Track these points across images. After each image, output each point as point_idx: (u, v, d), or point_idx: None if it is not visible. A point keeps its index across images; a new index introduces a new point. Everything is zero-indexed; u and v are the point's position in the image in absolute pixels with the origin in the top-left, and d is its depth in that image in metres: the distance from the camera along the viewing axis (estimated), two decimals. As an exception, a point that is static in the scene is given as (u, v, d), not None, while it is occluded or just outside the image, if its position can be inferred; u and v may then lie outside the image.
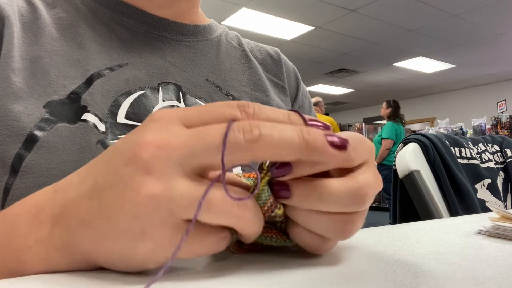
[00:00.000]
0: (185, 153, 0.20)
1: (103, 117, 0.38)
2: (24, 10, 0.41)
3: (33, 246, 0.23)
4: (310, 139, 0.20)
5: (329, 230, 0.23)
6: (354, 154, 0.22)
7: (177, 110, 0.22)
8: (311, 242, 0.24)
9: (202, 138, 0.20)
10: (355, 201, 0.22)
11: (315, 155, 0.20)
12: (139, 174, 0.19)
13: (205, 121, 0.21)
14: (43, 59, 0.39)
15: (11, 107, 0.35)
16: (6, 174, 0.33)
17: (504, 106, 4.51)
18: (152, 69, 0.44)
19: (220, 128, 0.20)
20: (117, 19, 0.45)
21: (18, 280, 0.21)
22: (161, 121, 0.21)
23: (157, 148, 0.19)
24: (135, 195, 0.19)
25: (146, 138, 0.20)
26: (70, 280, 0.21)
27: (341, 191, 0.22)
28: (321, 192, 0.22)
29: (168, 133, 0.20)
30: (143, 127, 0.21)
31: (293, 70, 0.61)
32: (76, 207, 0.22)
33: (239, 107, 0.21)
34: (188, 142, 0.20)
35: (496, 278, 0.22)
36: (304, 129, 0.21)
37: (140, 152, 0.19)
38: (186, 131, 0.20)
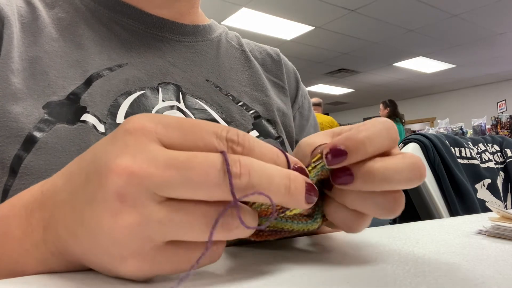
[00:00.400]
0: (161, 183, 0.18)
1: (102, 118, 0.38)
2: (24, 10, 0.41)
3: (30, 250, 0.22)
4: (294, 191, 0.20)
5: (381, 209, 0.23)
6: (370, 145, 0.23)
7: (157, 124, 0.20)
8: (351, 221, 0.25)
9: (183, 172, 0.18)
10: (418, 175, 0.22)
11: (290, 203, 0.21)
12: (113, 200, 0.18)
13: (188, 146, 0.19)
14: (42, 59, 0.39)
15: (10, 108, 0.35)
16: (5, 175, 0.33)
17: (504, 106, 4.51)
18: (152, 69, 0.44)
19: (203, 166, 0.18)
20: (116, 19, 0.45)
21: (18, 280, 0.21)
22: (137, 135, 0.19)
23: (130, 175, 0.18)
24: (111, 222, 0.19)
25: (119, 162, 0.18)
26: (70, 280, 0.21)
27: (404, 167, 0.22)
28: (385, 172, 0.22)
29: (143, 157, 0.18)
30: (119, 142, 0.19)
31: (293, 70, 0.61)
32: (61, 214, 0.21)
33: (227, 141, 0.20)
34: (165, 172, 0.18)
35: (496, 278, 0.22)
36: (292, 178, 0.20)
37: (112, 177, 0.18)
38: (164, 156, 0.19)
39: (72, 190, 0.21)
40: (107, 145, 0.20)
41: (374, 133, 0.23)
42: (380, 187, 0.23)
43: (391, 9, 4.24)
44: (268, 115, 0.50)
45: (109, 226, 0.19)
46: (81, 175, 0.21)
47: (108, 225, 0.19)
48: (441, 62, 6.27)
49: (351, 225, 0.25)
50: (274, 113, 0.51)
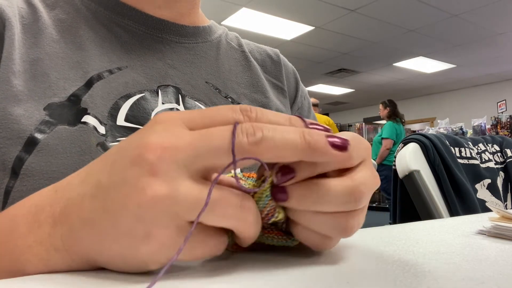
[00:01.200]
0: (190, 154, 0.20)
1: (103, 120, 0.38)
2: (25, 11, 0.41)
3: (33, 246, 0.23)
4: (311, 140, 0.21)
5: (330, 229, 0.23)
6: (354, 154, 0.22)
7: (180, 113, 0.22)
8: (314, 241, 0.24)
9: (207, 140, 0.20)
10: (352, 199, 0.22)
11: (317, 155, 0.21)
12: (145, 176, 0.19)
13: (209, 124, 0.21)
14: (43, 61, 0.39)
15: (11, 110, 0.35)
16: (7, 177, 0.33)
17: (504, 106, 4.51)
18: (151, 72, 0.44)
19: (224, 130, 0.20)
20: (117, 21, 0.45)
21: (18, 280, 0.21)
22: (165, 123, 0.21)
23: (163, 150, 0.20)
24: (140, 196, 0.19)
25: (151, 140, 0.20)
26: (70, 280, 0.21)
27: (338, 190, 0.22)
28: (318, 193, 0.22)
29: (172, 135, 0.20)
30: (148, 129, 0.21)
31: (293, 71, 0.61)
32: (78, 207, 0.22)
33: (241, 111, 0.22)
34: (192, 144, 0.20)
35: (496, 278, 0.22)
36: (305, 131, 0.21)
37: (145, 154, 0.20)
38: (190, 133, 0.20)
39: (93, 182, 0.22)
40: (136, 134, 0.22)
41: None
42: (313, 207, 0.22)
43: (391, 9, 4.24)
44: None
45: (136, 202, 0.19)
46: (105, 167, 0.22)
47: (136, 201, 0.19)
48: (441, 62, 6.27)
49: (316, 244, 0.25)
50: None
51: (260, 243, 0.26)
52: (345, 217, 0.23)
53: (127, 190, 0.20)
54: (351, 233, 0.23)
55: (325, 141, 0.21)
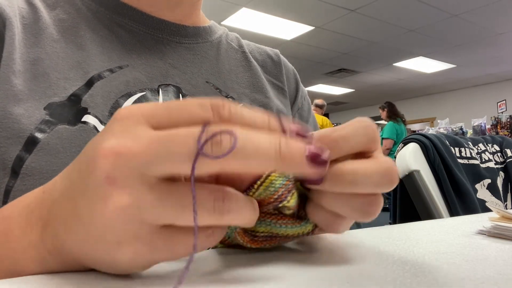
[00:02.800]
0: (147, 160, 0.18)
1: (103, 119, 0.38)
2: (25, 11, 0.41)
3: (28, 249, 0.23)
4: (287, 152, 0.19)
5: (355, 212, 0.23)
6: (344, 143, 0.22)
7: (144, 107, 0.20)
8: (332, 223, 0.24)
9: (167, 146, 0.18)
10: (388, 180, 0.22)
11: (291, 168, 0.20)
12: (103, 185, 0.18)
13: (174, 122, 0.19)
14: (43, 61, 0.39)
15: (12, 109, 0.35)
16: (7, 176, 0.33)
17: (504, 106, 4.51)
18: (152, 70, 0.44)
19: (187, 135, 0.18)
20: (117, 21, 0.45)
21: (17, 280, 0.21)
22: (124, 120, 0.19)
23: (116, 156, 0.18)
24: (103, 207, 0.19)
25: (105, 145, 0.19)
26: (70, 280, 0.21)
27: (374, 171, 0.22)
28: (355, 174, 0.22)
29: (129, 137, 0.19)
30: (106, 129, 0.20)
31: (293, 72, 0.61)
32: (58, 210, 0.21)
33: (212, 108, 0.20)
34: (150, 149, 0.18)
35: (496, 278, 0.22)
36: (282, 141, 0.19)
37: (99, 161, 0.19)
38: (149, 135, 0.19)
39: (68, 185, 0.21)
40: (96, 137, 0.21)
41: (348, 132, 0.23)
42: (349, 189, 0.22)
43: (391, 9, 4.24)
44: None
45: (101, 211, 0.19)
46: (75, 170, 0.21)
47: (100, 211, 0.19)
48: (441, 62, 6.27)
49: (330, 226, 0.25)
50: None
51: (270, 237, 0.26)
52: (372, 200, 0.23)
53: (91, 198, 0.19)
54: (374, 216, 0.23)
55: (302, 155, 0.19)
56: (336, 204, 0.23)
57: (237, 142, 0.18)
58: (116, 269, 0.21)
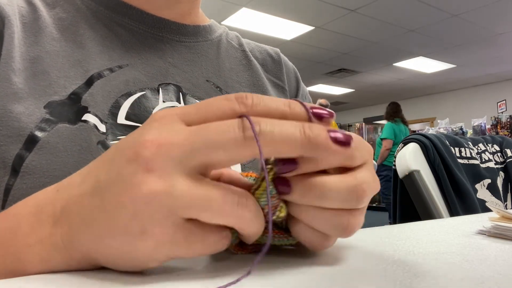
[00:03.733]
0: (186, 150, 0.20)
1: (103, 118, 0.38)
2: (25, 10, 0.41)
3: (34, 246, 0.23)
4: (312, 135, 0.20)
5: (330, 227, 0.23)
6: (357, 153, 0.22)
7: (177, 109, 0.22)
8: (313, 239, 0.24)
9: (202, 135, 0.20)
10: (354, 197, 0.22)
11: (318, 151, 0.21)
12: (141, 172, 0.19)
13: (205, 116, 0.21)
14: (43, 59, 0.39)
15: (12, 108, 0.35)
16: (7, 174, 0.33)
17: (504, 106, 4.51)
18: (152, 70, 0.44)
19: (220, 124, 0.20)
20: (117, 20, 0.45)
21: (18, 280, 0.21)
22: (162, 120, 0.21)
23: (158, 146, 0.20)
24: (136, 192, 0.19)
25: (147, 137, 0.20)
26: (70, 280, 0.21)
27: (341, 187, 0.22)
28: (321, 188, 0.22)
29: (168, 131, 0.20)
30: (145, 126, 0.21)
31: (293, 70, 0.61)
32: (77, 205, 0.22)
33: (237, 99, 0.21)
34: (188, 140, 0.20)
35: (496, 278, 0.22)
36: (306, 125, 0.21)
37: (141, 151, 0.20)
38: (186, 129, 0.20)
39: (92, 181, 0.22)
40: (134, 132, 0.22)
41: None
42: (316, 202, 0.22)
43: (391, 9, 4.24)
44: None
45: (132, 198, 0.19)
46: (103, 166, 0.22)
47: (131, 197, 0.19)
48: (441, 62, 6.27)
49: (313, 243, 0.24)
50: None
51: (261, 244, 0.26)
52: (347, 215, 0.23)
53: (123, 187, 0.20)
54: (351, 232, 0.23)
55: (326, 136, 0.21)
56: (310, 218, 0.23)
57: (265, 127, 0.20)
58: (131, 262, 0.21)
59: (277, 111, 0.21)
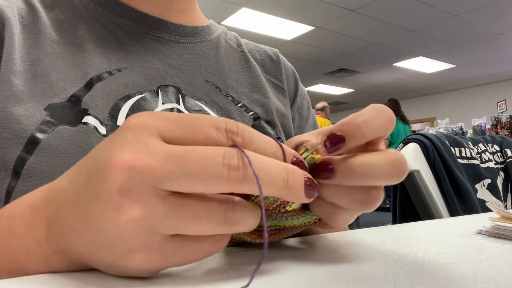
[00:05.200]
0: (161, 177, 0.18)
1: (103, 120, 0.38)
2: (24, 12, 0.41)
3: (33, 248, 0.23)
4: (292, 183, 0.20)
5: (358, 204, 0.23)
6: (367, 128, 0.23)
7: (157, 119, 0.20)
8: (331, 214, 0.24)
9: (182, 165, 0.18)
10: (398, 172, 0.22)
11: (289, 197, 0.21)
12: (115, 195, 0.19)
13: (187, 139, 0.20)
14: (43, 61, 0.39)
15: (12, 110, 0.35)
16: (8, 177, 0.33)
17: (504, 106, 4.51)
18: (151, 72, 0.44)
19: (202, 158, 0.18)
20: (116, 21, 0.45)
21: (18, 280, 0.21)
22: (137, 131, 0.19)
23: (130, 169, 0.18)
24: (115, 216, 0.19)
25: (119, 156, 0.19)
26: (70, 280, 0.21)
27: (384, 163, 0.22)
28: (365, 166, 0.22)
29: (144, 151, 0.19)
30: (119, 137, 0.20)
31: (292, 71, 0.61)
32: (65, 213, 0.21)
33: (227, 133, 0.20)
34: (164, 166, 0.18)
35: (496, 278, 0.22)
36: (290, 171, 0.20)
37: (113, 172, 0.19)
38: (164, 150, 0.19)
39: (75, 189, 0.21)
40: (107, 143, 0.21)
41: (370, 116, 0.23)
42: (360, 182, 0.23)
43: (391, 9, 4.24)
44: (267, 116, 0.50)
45: (113, 221, 0.19)
46: (83, 174, 0.21)
47: (112, 221, 0.19)
48: (441, 62, 6.26)
49: (332, 218, 0.25)
50: (273, 114, 0.51)
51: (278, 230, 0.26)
52: (374, 192, 0.23)
53: (103, 207, 0.19)
54: (374, 208, 0.24)
55: (302, 184, 0.21)
56: (335, 195, 0.24)
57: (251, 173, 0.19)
58: (125, 273, 0.21)
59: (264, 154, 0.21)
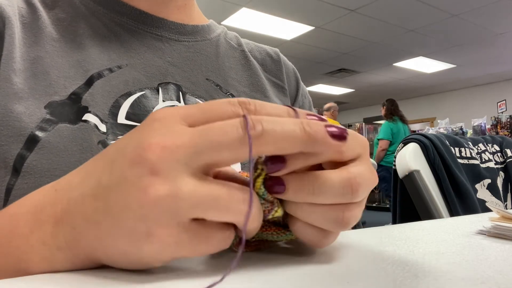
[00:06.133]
0: (190, 152, 0.20)
1: (103, 118, 0.38)
2: (25, 11, 0.41)
3: (36, 246, 0.23)
4: (311, 131, 0.21)
5: (327, 222, 0.23)
6: (350, 147, 0.23)
7: (179, 109, 0.22)
8: (312, 236, 0.24)
9: (206, 137, 0.20)
10: (349, 191, 0.22)
11: (317, 146, 0.21)
12: (146, 175, 0.19)
13: (207, 119, 0.21)
14: (43, 59, 0.39)
15: (13, 108, 0.35)
16: (8, 174, 0.33)
17: (504, 106, 4.51)
18: (151, 70, 0.44)
19: (223, 125, 0.20)
20: (116, 19, 0.45)
21: (18, 280, 0.21)
22: (163, 120, 0.21)
23: (162, 149, 0.20)
24: (142, 196, 0.19)
25: (150, 139, 0.20)
26: (71, 280, 0.21)
27: (334, 181, 0.22)
28: (314, 184, 0.22)
29: (171, 133, 0.20)
30: (146, 127, 0.21)
31: (293, 70, 0.61)
32: (80, 207, 0.22)
33: (240, 104, 0.22)
34: (192, 141, 0.20)
35: (496, 278, 0.22)
36: (304, 122, 0.21)
37: (146, 154, 0.20)
38: (189, 130, 0.20)
39: (93, 182, 0.22)
40: (133, 134, 0.22)
41: None
42: (310, 199, 0.22)
43: (391, 9, 4.24)
44: None
45: (138, 201, 0.19)
46: (104, 168, 0.22)
47: (138, 201, 0.19)
48: (441, 62, 6.27)
49: (313, 240, 0.25)
50: None
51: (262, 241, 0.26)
52: (342, 209, 0.23)
53: (129, 190, 0.20)
54: (347, 226, 0.23)
55: (325, 131, 0.21)
56: (306, 214, 0.23)
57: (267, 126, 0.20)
58: (135, 262, 0.21)
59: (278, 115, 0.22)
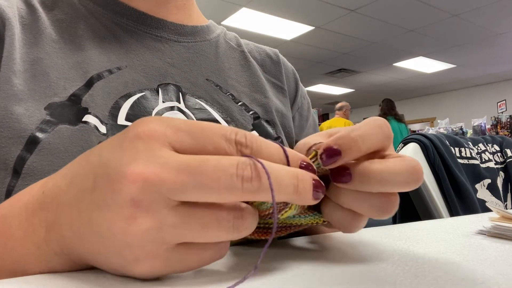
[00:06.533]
0: (174, 188, 0.18)
1: (103, 119, 0.38)
2: (24, 12, 0.41)
3: (32, 250, 0.22)
4: (301, 188, 0.21)
5: (371, 209, 0.23)
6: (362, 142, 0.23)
7: (166, 127, 0.20)
8: (344, 220, 0.25)
9: (195, 177, 0.18)
10: (415, 178, 0.23)
11: (298, 201, 0.21)
12: (127, 206, 0.19)
13: (199, 149, 0.20)
14: (43, 61, 0.39)
15: (13, 109, 0.35)
16: (9, 176, 0.33)
17: (504, 106, 4.51)
18: (151, 71, 0.44)
19: (216, 170, 0.19)
20: (115, 20, 0.45)
21: (18, 280, 0.21)
22: (148, 141, 0.19)
23: (144, 182, 0.18)
24: (125, 226, 0.19)
25: (132, 168, 0.19)
26: (71, 280, 0.21)
27: (402, 170, 0.22)
28: (382, 173, 0.22)
29: (156, 162, 0.19)
30: (129, 147, 0.20)
31: (292, 71, 0.61)
32: (66, 217, 0.21)
33: (236, 145, 0.20)
34: (178, 178, 0.18)
35: (496, 278, 0.22)
36: (299, 177, 0.21)
37: (126, 184, 0.19)
38: (176, 161, 0.19)
39: (77, 193, 0.21)
40: (116, 150, 0.20)
41: (366, 131, 0.24)
42: (377, 188, 0.23)
43: (391, 9, 4.24)
44: (267, 116, 0.50)
45: (122, 230, 0.19)
46: (87, 178, 0.21)
47: (121, 230, 0.19)
48: (441, 62, 6.27)
49: (346, 225, 0.25)
50: (273, 114, 0.51)
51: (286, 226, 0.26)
52: (391, 198, 0.23)
53: (112, 217, 0.19)
54: (391, 213, 0.24)
55: (311, 188, 0.21)
56: (356, 203, 0.24)
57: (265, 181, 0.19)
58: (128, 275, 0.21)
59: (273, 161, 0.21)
